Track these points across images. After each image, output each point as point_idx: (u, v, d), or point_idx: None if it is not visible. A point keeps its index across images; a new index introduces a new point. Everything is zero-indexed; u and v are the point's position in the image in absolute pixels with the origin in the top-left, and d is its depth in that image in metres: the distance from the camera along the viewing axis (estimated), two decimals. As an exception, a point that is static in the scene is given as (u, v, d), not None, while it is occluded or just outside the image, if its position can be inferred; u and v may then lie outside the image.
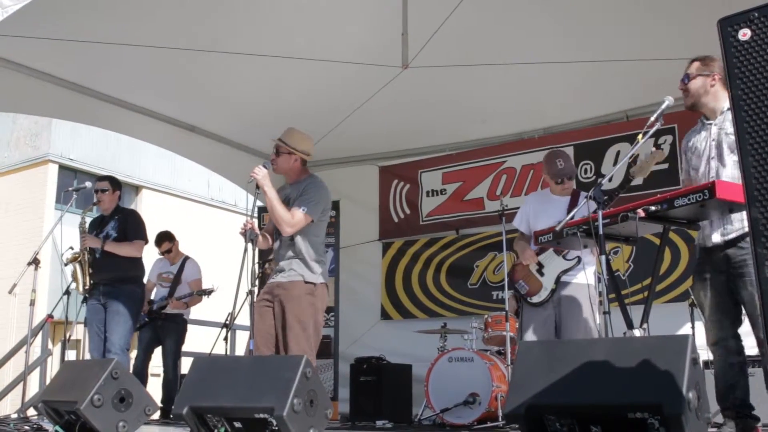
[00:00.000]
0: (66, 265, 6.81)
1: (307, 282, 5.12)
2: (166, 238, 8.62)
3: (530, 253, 5.64)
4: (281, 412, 3.50)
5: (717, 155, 4.22)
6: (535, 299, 5.57)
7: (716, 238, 4.19)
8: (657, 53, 6.44)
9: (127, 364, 6.65)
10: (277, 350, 5.07)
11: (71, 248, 6.81)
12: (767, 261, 1.90)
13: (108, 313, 6.60)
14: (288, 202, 5.21)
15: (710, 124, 4.29)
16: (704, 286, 4.28)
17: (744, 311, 4.16)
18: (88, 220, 6.95)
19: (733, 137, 4.08)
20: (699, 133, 4.38)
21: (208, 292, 8.19)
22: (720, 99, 4.26)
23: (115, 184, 7.01)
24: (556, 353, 3.11)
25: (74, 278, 6.77)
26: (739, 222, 4.10)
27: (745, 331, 4.19)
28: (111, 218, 6.88)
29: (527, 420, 2.95)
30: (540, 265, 5.58)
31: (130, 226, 6.85)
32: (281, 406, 3.52)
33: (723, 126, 4.20)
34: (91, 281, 6.69)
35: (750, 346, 4.29)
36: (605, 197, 4.25)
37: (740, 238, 4.10)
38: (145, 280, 7.24)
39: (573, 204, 5.54)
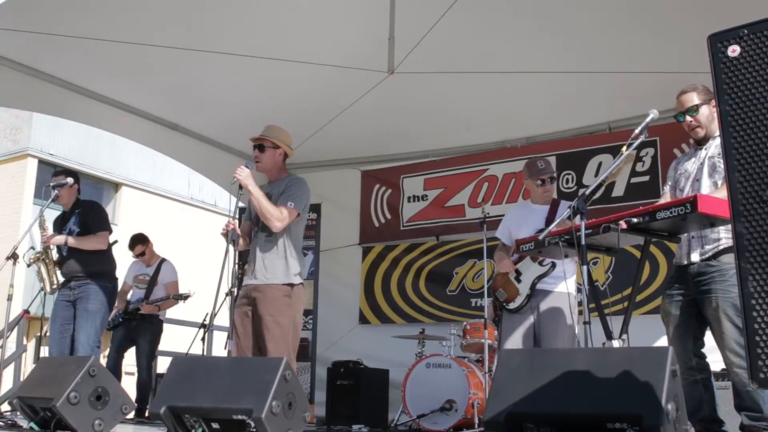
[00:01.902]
0: (29, 266, 6.71)
1: (284, 284, 5.10)
2: (139, 241, 8.53)
3: (507, 262, 5.67)
4: (260, 414, 3.49)
5: (699, 177, 4.28)
6: (512, 305, 5.59)
7: (695, 257, 4.25)
8: (641, 66, 6.50)
9: None
10: (254, 354, 5.05)
11: (32, 248, 6.73)
12: (751, 275, 1.92)
13: (77, 311, 6.48)
14: (270, 199, 5.18)
15: (701, 149, 4.35)
16: (671, 304, 4.33)
17: (709, 329, 4.23)
18: (49, 216, 6.84)
19: (715, 160, 4.16)
20: (690, 158, 4.44)
21: (184, 297, 8.12)
22: (716, 124, 4.31)
23: (72, 177, 6.86)
24: (537, 362, 3.12)
25: (40, 278, 6.68)
26: (716, 241, 4.16)
27: (710, 346, 4.25)
28: (72, 213, 6.75)
29: (506, 428, 2.96)
30: (518, 273, 5.61)
31: (92, 218, 6.70)
32: (260, 407, 3.51)
33: (710, 150, 4.26)
34: (59, 279, 6.61)
35: (714, 360, 4.33)
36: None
37: (714, 256, 4.15)
38: (117, 274, 7.12)
39: (552, 213, 5.58)
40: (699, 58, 2.51)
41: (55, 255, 6.69)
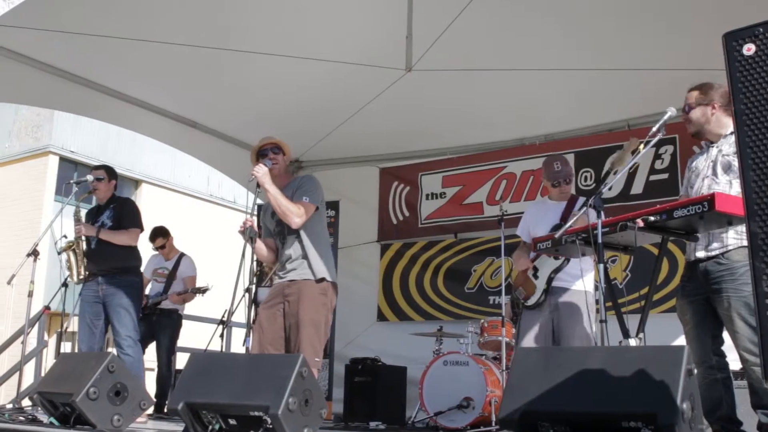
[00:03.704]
0: (60, 253, 6.75)
1: (318, 281, 5.06)
2: (160, 234, 8.61)
3: (524, 260, 5.69)
4: (276, 411, 3.51)
5: (711, 174, 4.25)
6: (530, 302, 5.60)
7: (700, 253, 4.22)
8: (660, 63, 6.47)
9: (140, 356, 6.57)
10: (287, 351, 5.01)
11: (65, 236, 6.77)
12: (765, 275, 1.91)
13: (111, 308, 6.45)
14: None
15: (712, 146, 4.33)
16: (686, 303, 4.30)
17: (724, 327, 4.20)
18: (84, 210, 6.90)
19: (728, 158, 4.13)
20: (701, 155, 4.42)
21: (203, 291, 8.18)
22: (722, 125, 4.29)
23: (110, 173, 6.90)
24: (552, 360, 3.12)
25: (68, 267, 6.71)
26: (723, 240, 4.13)
27: (729, 345, 4.22)
28: (106, 207, 6.80)
29: (521, 425, 2.96)
30: (535, 269, 5.62)
31: (125, 214, 6.74)
32: (276, 404, 3.53)
33: (722, 147, 4.24)
34: (87, 271, 6.64)
35: (733, 359, 4.30)
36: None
37: (722, 255, 4.13)
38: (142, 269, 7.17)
39: (569, 209, 5.58)
40: (716, 55, 2.50)
41: (84, 247, 6.74)
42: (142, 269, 7.13)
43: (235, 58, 6.96)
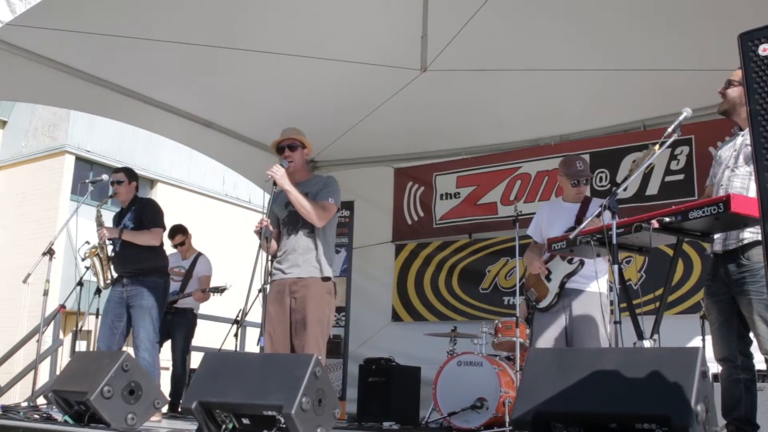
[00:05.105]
0: (84, 260, 6.76)
1: (324, 279, 5.09)
2: (179, 231, 8.63)
3: (537, 263, 5.64)
4: (289, 410, 3.51)
5: (733, 165, 4.22)
6: (542, 304, 5.57)
7: (717, 246, 4.20)
8: (675, 64, 6.44)
9: (156, 358, 6.57)
10: (291, 346, 5.02)
11: (87, 242, 6.78)
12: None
13: (133, 309, 6.48)
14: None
15: (739, 134, 4.29)
16: (711, 303, 4.27)
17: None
18: (105, 212, 6.89)
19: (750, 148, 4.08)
20: (727, 144, 4.38)
21: (221, 290, 8.19)
22: (744, 111, 4.24)
23: (130, 175, 6.91)
24: (565, 361, 3.11)
25: (94, 274, 6.73)
26: (738, 233, 4.10)
27: (755, 346, 4.18)
28: (129, 209, 6.82)
29: (535, 426, 2.96)
30: (548, 271, 5.59)
31: (147, 215, 6.73)
32: (290, 404, 3.53)
33: (747, 137, 4.19)
34: (113, 275, 6.65)
35: (759, 360, 4.27)
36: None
37: (740, 250, 4.09)
38: None
39: (583, 211, 5.54)
40: (733, 56, 2.48)
41: (109, 251, 6.75)
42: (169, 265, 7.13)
43: (250, 59, 6.97)
